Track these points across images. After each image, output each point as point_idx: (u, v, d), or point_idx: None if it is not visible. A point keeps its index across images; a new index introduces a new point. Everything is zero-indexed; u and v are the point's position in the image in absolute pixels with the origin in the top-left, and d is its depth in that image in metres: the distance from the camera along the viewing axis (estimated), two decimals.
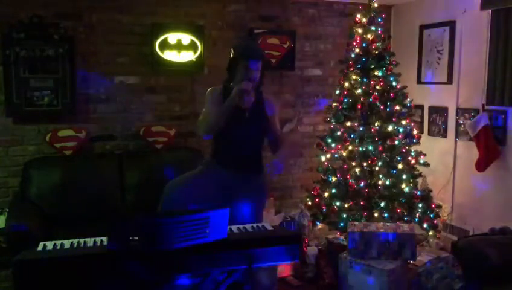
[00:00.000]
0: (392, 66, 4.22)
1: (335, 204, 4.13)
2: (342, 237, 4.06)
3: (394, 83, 4.21)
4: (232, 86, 2.96)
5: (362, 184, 4.07)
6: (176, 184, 3.11)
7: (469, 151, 4.42)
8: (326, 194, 4.24)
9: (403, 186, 4.09)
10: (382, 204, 4.00)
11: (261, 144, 3.16)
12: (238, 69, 2.96)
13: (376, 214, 3.99)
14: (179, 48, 4.39)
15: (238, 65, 2.96)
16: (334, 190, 4.19)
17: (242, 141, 3.01)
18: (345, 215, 4.05)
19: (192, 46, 4.44)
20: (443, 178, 4.73)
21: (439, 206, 4.31)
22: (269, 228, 2.47)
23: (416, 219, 4.09)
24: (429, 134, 4.94)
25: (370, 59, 4.15)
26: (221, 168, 3.05)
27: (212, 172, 3.08)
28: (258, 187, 3.11)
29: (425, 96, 4.97)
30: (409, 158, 4.17)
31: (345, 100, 4.24)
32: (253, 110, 2.99)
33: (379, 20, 4.26)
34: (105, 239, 2.12)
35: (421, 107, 5.00)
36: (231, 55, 3.04)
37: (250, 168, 3.07)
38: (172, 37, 4.37)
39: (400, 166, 4.10)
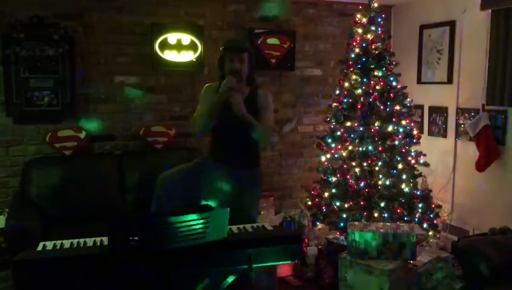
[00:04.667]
0: (392, 66, 4.22)
1: (335, 204, 4.13)
2: (342, 237, 4.05)
3: (394, 83, 4.21)
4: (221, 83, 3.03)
5: (362, 184, 4.07)
6: (165, 177, 3.17)
7: (469, 151, 4.42)
8: (326, 194, 4.24)
9: (403, 186, 4.09)
10: (382, 204, 4.00)
11: (253, 139, 3.16)
12: (225, 63, 3.06)
13: (376, 214, 3.99)
14: (179, 48, 4.40)
15: (224, 60, 3.06)
16: (334, 190, 4.19)
17: (234, 136, 3.05)
18: (345, 215, 4.05)
19: (192, 46, 4.44)
20: (443, 178, 4.73)
21: (439, 206, 4.31)
22: (269, 228, 2.47)
23: (416, 219, 4.09)
24: (429, 134, 4.94)
25: (370, 59, 4.15)
26: (215, 162, 3.13)
27: (206, 166, 3.16)
28: (250, 182, 3.14)
29: (425, 96, 4.97)
30: (409, 158, 4.17)
31: (345, 100, 4.24)
32: (245, 105, 3.01)
33: (379, 20, 4.25)
34: (105, 239, 2.12)
35: (421, 107, 5.00)
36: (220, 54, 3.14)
37: (242, 163, 3.11)
38: (172, 37, 4.37)
39: (400, 166, 4.10)
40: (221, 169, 3.09)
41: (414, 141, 4.22)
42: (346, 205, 4.10)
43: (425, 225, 4.12)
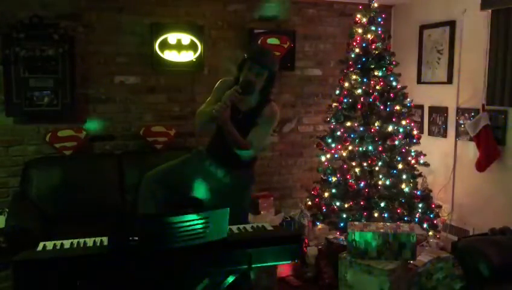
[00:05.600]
0: (392, 66, 4.22)
1: (335, 204, 4.13)
2: (342, 237, 4.05)
3: (394, 83, 4.21)
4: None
5: (362, 184, 4.07)
6: (150, 176, 3.17)
7: (469, 151, 4.42)
8: (326, 194, 4.24)
9: (403, 186, 4.09)
10: (382, 204, 4.00)
11: None
12: (243, 69, 2.99)
13: (376, 214, 3.99)
14: (179, 48, 4.39)
15: (244, 65, 3.00)
16: (334, 190, 4.19)
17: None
18: (345, 215, 4.05)
19: (192, 46, 4.44)
20: (443, 178, 4.73)
21: (439, 206, 4.31)
22: (269, 228, 2.47)
23: (416, 219, 4.09)
24: (429, 134, 4.94)
25: (370, 59, 4.15)
26: (208, 158, 3.13)
27: (197, 160, 3.16)
28: (240, 181, 3.14)
29: (425, 96, 4.97)
30: (409, 158, 4.17)
31: (345, 100, 4.24)
32: (248, 113, 3.01)
33: (379, 20, 4.25)
34: (105, 239, 2.12)
35: (421, 107, 5.00)
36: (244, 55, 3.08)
37: (235, 163, 3.08)
38: (172, 37, 4.37)
39: (400, 166, 4.10)
40: (213, 166, 3.10)
41: (414, 141, 4.22)
42: (346, 205, 4.10)
43: (425, 225, 4.12)
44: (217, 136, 3.14)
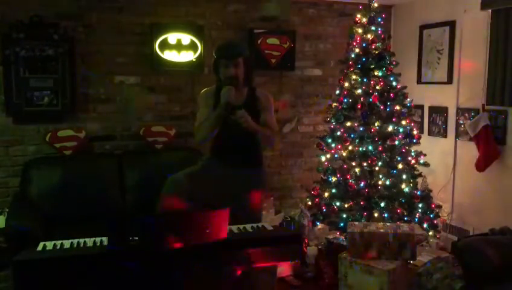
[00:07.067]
0: (392, 66, 4.22)
1: (335, 204, 4.13)
2: (342, 237, 4.06)
3: (394, 83, 4.21)
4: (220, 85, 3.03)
5: (362, 184, 4.07)
6: (174, 181, 3.15)
7: (469, 151, 4.42)
8: (326, 194, 4.24)
9: (403, 186, 4.10)
10: (382, 204, 4.00)
11: (256, 138, 3.17)
12: (220, 69, 3.04)
13: (376, 214, 3.99)
14: (179, 48, 4.40)
15: (219, 65, 3.04)
16: (334, 190, 4.19)
17: (235, 137, 3.05)
18: (345, 215, 4.05)
19: (192, 46, 4.44)
20: (443, 178, 4.73)
21: (439, 206, 4.31)
22: (269, 228, 2.47)
23: (416, 219, 4.09)
24: (429, 134, 4.93)
25: (370, 59, 4.15)
26: (219, 162, 3.14)
27: (211, 167, 3.17)
28: (254, 181, 3.15)
29: (425, 96, 4.97)
30: (409, 158, 4.17)
31: (345, 100, 4.24)
32: (245, 106, 3.01)
33: (379, 20, 4.26)
34: (105, 239, 2.12)
35: (421, 107, 5.00)
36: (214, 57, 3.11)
37: (245, 162, 3.11)
38: (172, 37, 4.37)
39: (400, 166, 4.10)
40: (226, 169, 3.09)
41: (414, 141, 4.22)
42: (346, 205, 4.10)
43: (425, 225, 4.12)
44: (221, 139, 3.12)
